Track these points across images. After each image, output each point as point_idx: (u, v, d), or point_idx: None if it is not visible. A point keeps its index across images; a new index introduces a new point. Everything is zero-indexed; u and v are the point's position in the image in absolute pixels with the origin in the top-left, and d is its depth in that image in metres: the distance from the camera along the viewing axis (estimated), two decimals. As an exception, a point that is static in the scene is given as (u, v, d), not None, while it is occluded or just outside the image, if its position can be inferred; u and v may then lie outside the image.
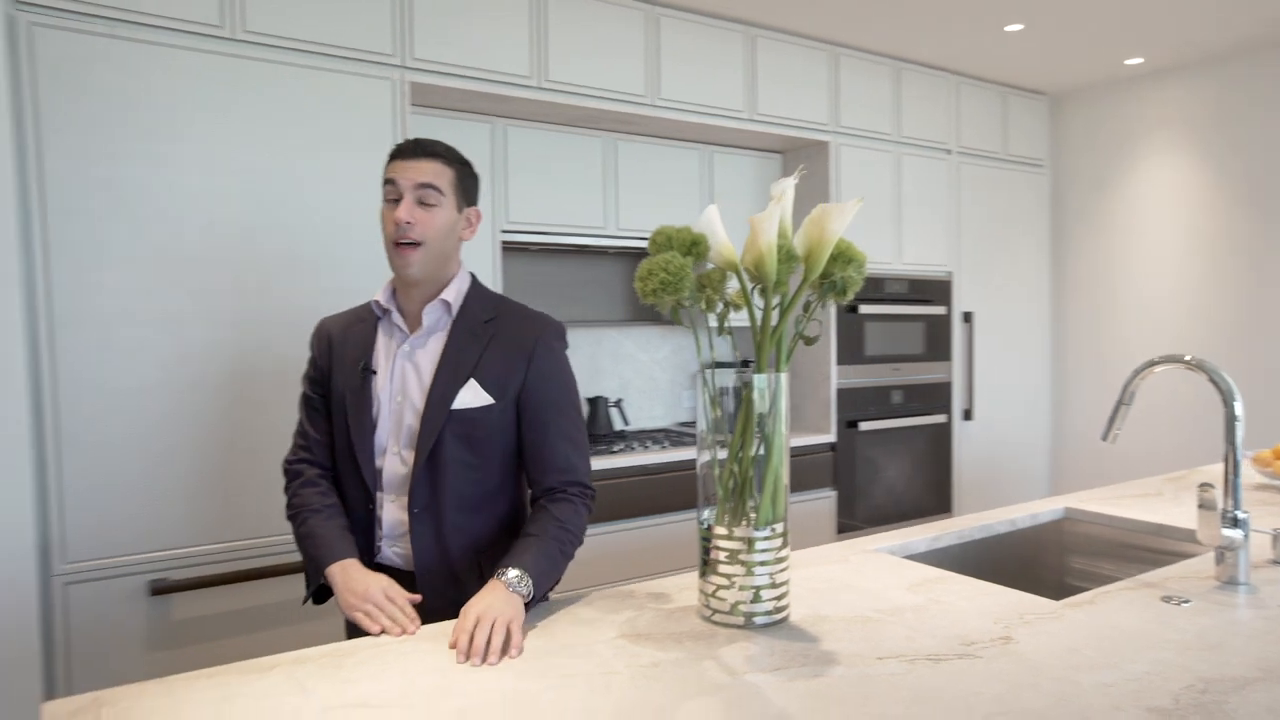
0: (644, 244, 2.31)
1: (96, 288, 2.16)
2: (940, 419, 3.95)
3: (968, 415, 4.05)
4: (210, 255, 2.31)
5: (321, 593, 1.50)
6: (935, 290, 3.96)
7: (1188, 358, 1.67)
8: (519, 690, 1.14)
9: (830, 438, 3.58)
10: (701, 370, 1.40)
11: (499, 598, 1.31)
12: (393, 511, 1.52)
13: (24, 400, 2.02)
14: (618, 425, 3.56)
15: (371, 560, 1.53)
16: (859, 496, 3.68)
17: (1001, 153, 4.27)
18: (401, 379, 1.52)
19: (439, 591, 1.48)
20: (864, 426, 3.67)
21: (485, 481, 1.52)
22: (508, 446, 1.53)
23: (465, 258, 2.98)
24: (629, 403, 3.66)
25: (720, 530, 1.36)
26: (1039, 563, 2.18)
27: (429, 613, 1.41)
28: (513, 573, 1.36)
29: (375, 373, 1.53)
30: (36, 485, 2.09)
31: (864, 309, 3.67)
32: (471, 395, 1.48)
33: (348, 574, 1.41)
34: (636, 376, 3.72)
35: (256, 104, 2.37)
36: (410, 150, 1.49)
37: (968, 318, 4.06)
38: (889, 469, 3.79)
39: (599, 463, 2.98)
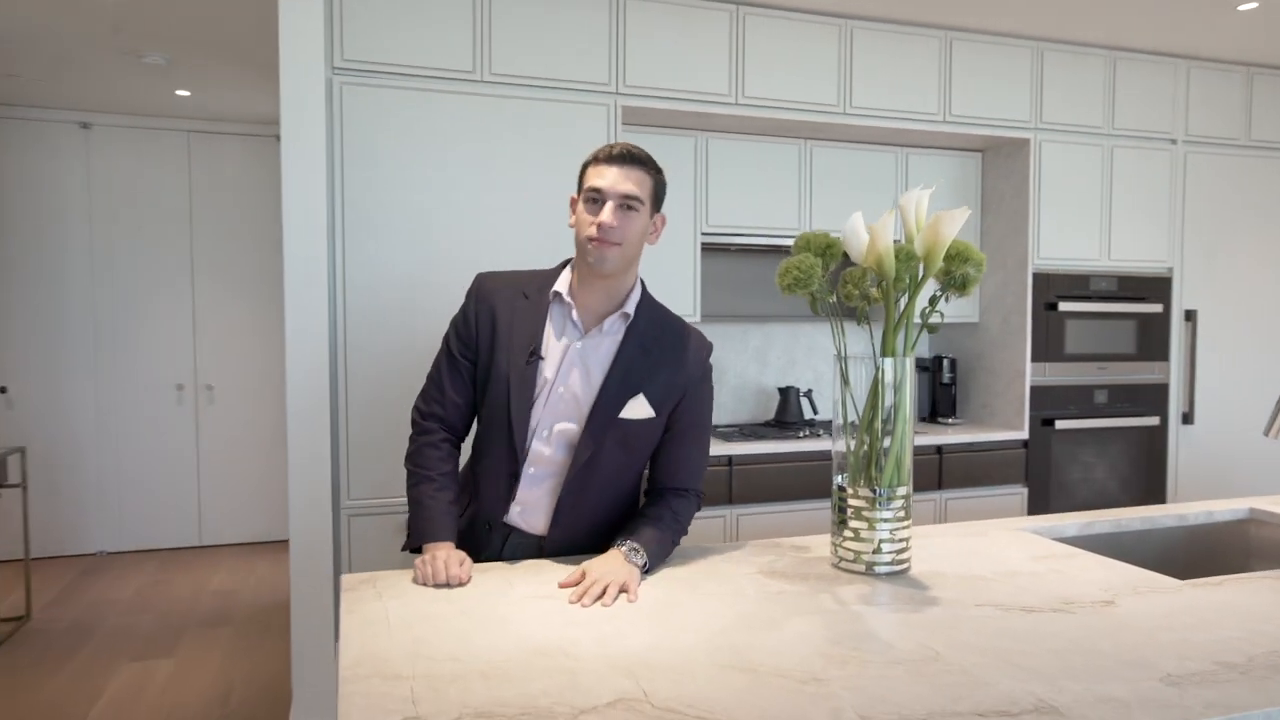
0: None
1: (380, 286, 2.75)
2: (1152, 421, 3.77)
3: (1187, 418, 3.83)
4: (468, 257, 2.83)
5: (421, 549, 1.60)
6: (1150, 287, 3.79)
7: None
8: (666, 598, 1.47)
9: (1023, 434, 3.57)
10: (837, 354, 1.65)
11: (618, 564, 1.47)
12: (532, 489, 1.63)
13: (325, 376, 2.64)
14: (807, 414, 3.78)
15: (502, 519, 1.67)
16: (1054, 495, 3.63)
17: (1243, 139, 3.98)
18: (569, 375, 1.60)
19: (559, 547, 1.66)
20: (1061, 425, 3.62)
21: (628, 478, 1.68)
22: (650, 452, 1.67)
23: (666, 259, 3.36)
24: (820, 394, 3.87)
25: (849, 490, 1.60)
26: (1215, 563, 2.15)
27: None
28: (631, 546, 1.52)
29: (543, 358, 1.60)
30: (332, 441, 2.71)
31: (1064, 306, 3.61)
32: (639, 409, 1.60)
33: (435, 554, 1.52)
34: (830, 369, 3.91)
35: (502, 131, 2.87)
36: (620, 158, 1.57)
37: (1189, 315, 3.84)
38: (1089, 469, 3.69)
39: (787, 446, 3.23)
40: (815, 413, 3.79)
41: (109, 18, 3.35)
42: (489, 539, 1.69)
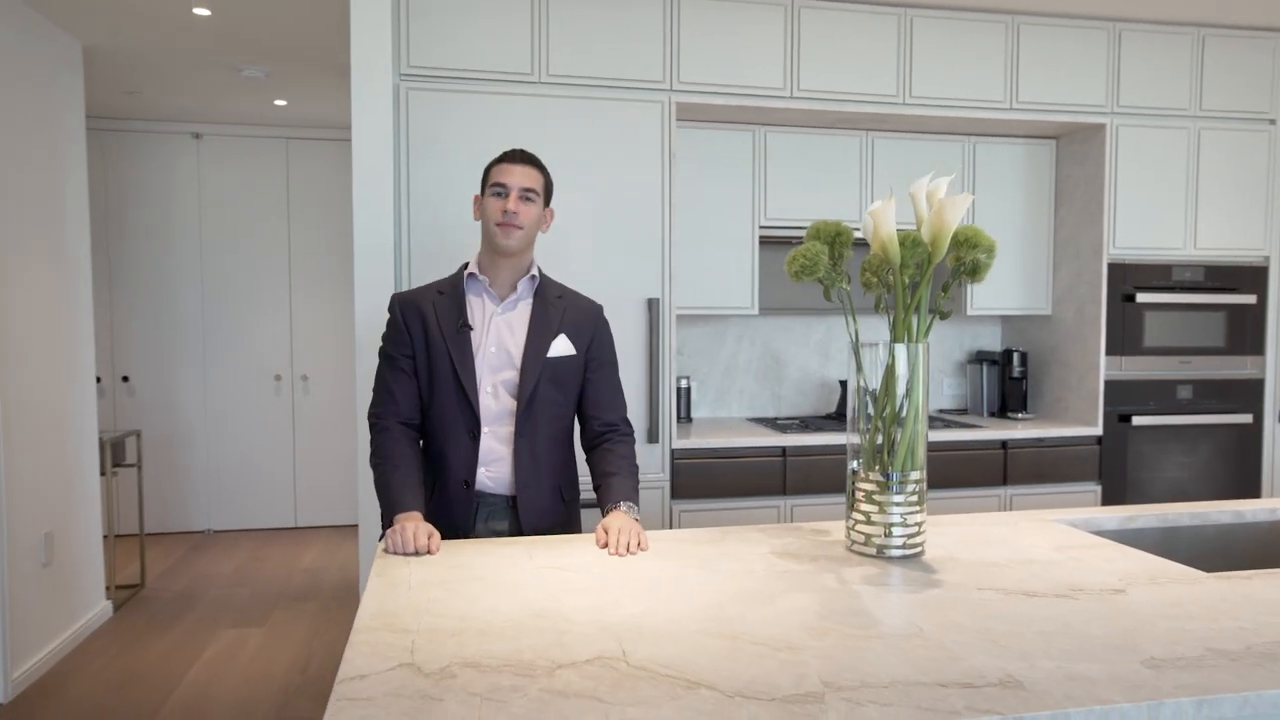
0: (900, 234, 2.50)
1: (436, 275, 2.90)
2: (1244, 418, 3.57)
3: (1283, 417, 3.61)
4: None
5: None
6: (1243, 277, 3.58)
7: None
8: (674, 572, 1.53)
9: (1096, 430, 3.44)
10: (852, 341, 1.67)
11: (627, 520, 1.74)
12: (489, 442, 1.87)
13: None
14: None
15: (471, 487, 1.86)
16: (1130, 493, 3.49)
17: (1354, 118, 3.71)
18: (496, 333, 1.89)
19: (532, 507, 1.88)
20: (1139, 421, 3.47)
21: (565, 419, 1.95)
22: (578, 392, 1.96)
23: (724, 252, 3.40)
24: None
25: (862, 474, 1.63)
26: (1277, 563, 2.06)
27: (533, 531, 1.87)
28: (626, 504, 1.82)
29: (472, 328, 1.89)
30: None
31: (1143, 297, 3.46)
32: (563, 346, 1.91)
33: (404, 524, 1.69)
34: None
35: (559, 130, 2.98)
36: (518, 158, 1.90)
37: (1288, 308, 3.62)
38: (1170, 468, 3.53)
39: (844, 438, 3.23)
40: (877, 406, 3.75)
41: (213, 36, 3.63)
42: (464, 510, 1.87)
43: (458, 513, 1.87)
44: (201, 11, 3.36)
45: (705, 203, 3.39)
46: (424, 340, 1.89)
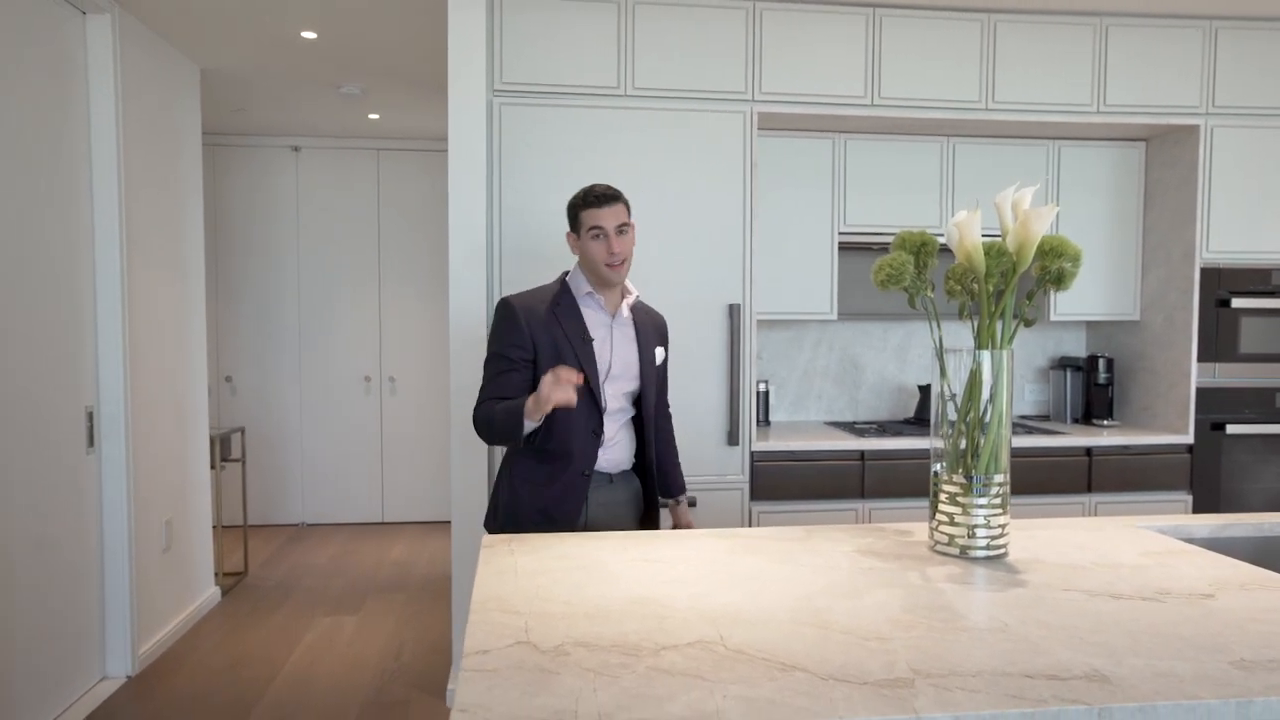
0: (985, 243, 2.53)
1: (527, 286, 3.03)
2: (1347, 429, 3.44)
3: (1391, 427, 3.47)
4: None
5: (532, 436, 2.04)
6: (1347, 282, 3.46)
7: None
8: (763, 567, 1.61)
9: (1187, 439, 3.37)
10: (937, 347, 1.72)
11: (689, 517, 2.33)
12: (613, 430, 2.13)
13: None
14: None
15: (589, 476, 2.09)
16: (1224, 503, 3.40)
17: None
18: (617, 345, 2.13)
19: (627, 483, 2.18)
20: (1234, 430, 3.38)
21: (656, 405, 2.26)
22: None
23: (803, 258, 3.44)
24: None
25: (946, 477, 1.67)
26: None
27: (642, 513, 2.22)
28: (685, 498, 2.36)
29: (596, 340, 2.10)
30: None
31: (1239, 302, 3.37)
32: (661, 353, 2.23)
33: (544, 380, 1.88)
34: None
35: (644, 141, 3.08)
36: (606, 200, 2.07)
37: (1396, 314, 3.47)
38: (1270, 478, 3.42)
39: (922, 443, 3.24)
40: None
41: (317, 56, 3.86)
42: (578, 495, 2.08)
43: (571, 499, 2.07)
44: (309, 34, 3.57)
45: (785, 209, 3.44)
46: (551, 346, 2.06)
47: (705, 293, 3.13)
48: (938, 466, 1.72)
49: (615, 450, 2.14)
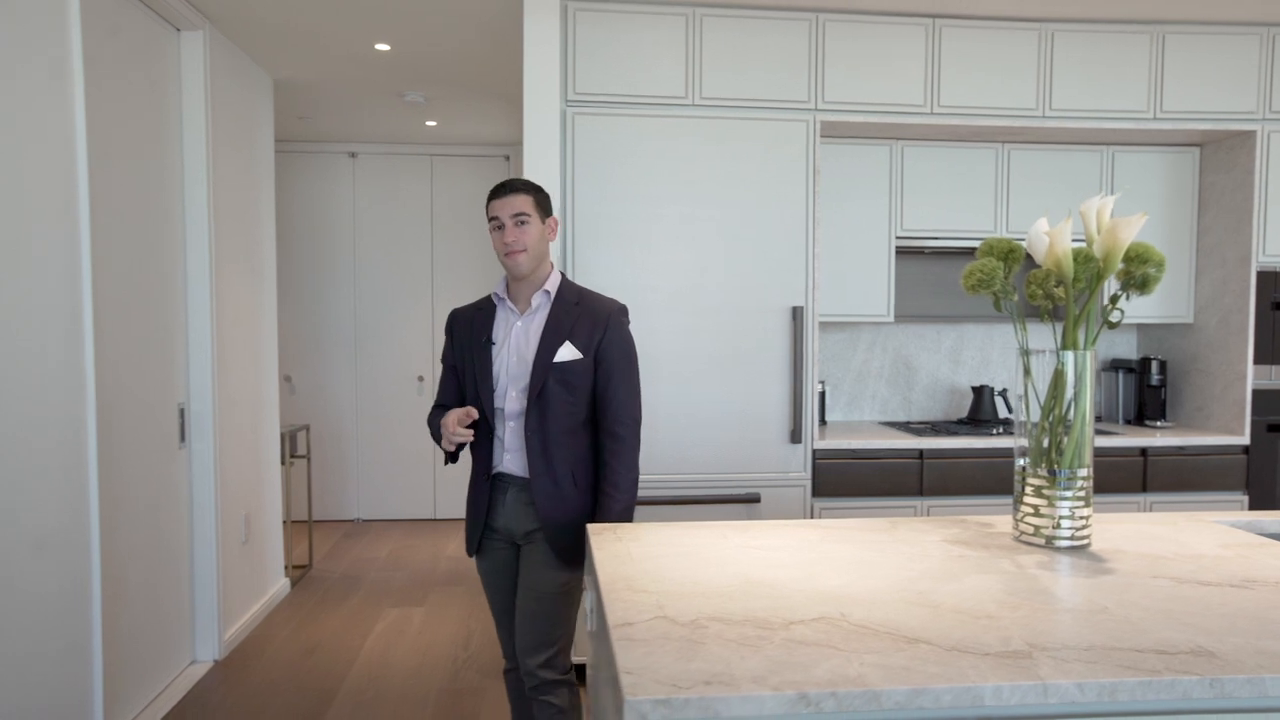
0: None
1: (598, 288, 3.15)
2: (1403, 431, 3.48)
3: None
4: (679, 262, 3.18)
5: (450, 458, 2.18)
6: (1403, 285, 3.49)
7: None
8: (857, 554, 1.71)
9: (1243, 440, 3.42)
10: (1020, 348, 1.81)
11: None
12: (512, 433, 2.13)
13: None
14: (1001, 412, 3.82)
15: (492, 470, 2.16)
16: None
17: None
18: (515, 344, 2.13)
19: (547, 493, 2.10)
20: (1289, 431, 3.43)
21: (577, 413, 2.12)
22: (590, 389, 2.13)
23: (860, 261, 3.53)
24: (1016, 393, 3.87)
25: (1031, 470, 1.76)
26: None
27: (545, 513, 2.10)
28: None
29: (495, 343, 2.15)
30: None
31: (1294, 305, 3.43)
32: (567, 352, 2.09)
33: (445, 418, 2.08)
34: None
35: (710, 149, 3.19)
36: (504, 190, 2.10)
37: None
38: (1325, 480, 3.47)
39: (979, 442, 3.32)
40: (1010, 411, 3.81)
41: (386, 67, 4.00)
42: (490, 492, 2.17)
43: (480, 499, 2.18)
44: (382, 47, 3.72)
45: (844, 214, 3.53)
46: (464, 351, 2.19)
47: (768, 296, 3.23)
48: (1021, 461, 1.81)
49: (519, 455, 2.12)
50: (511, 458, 2.14)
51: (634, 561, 1.64)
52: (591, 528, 1.92)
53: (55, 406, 2.33)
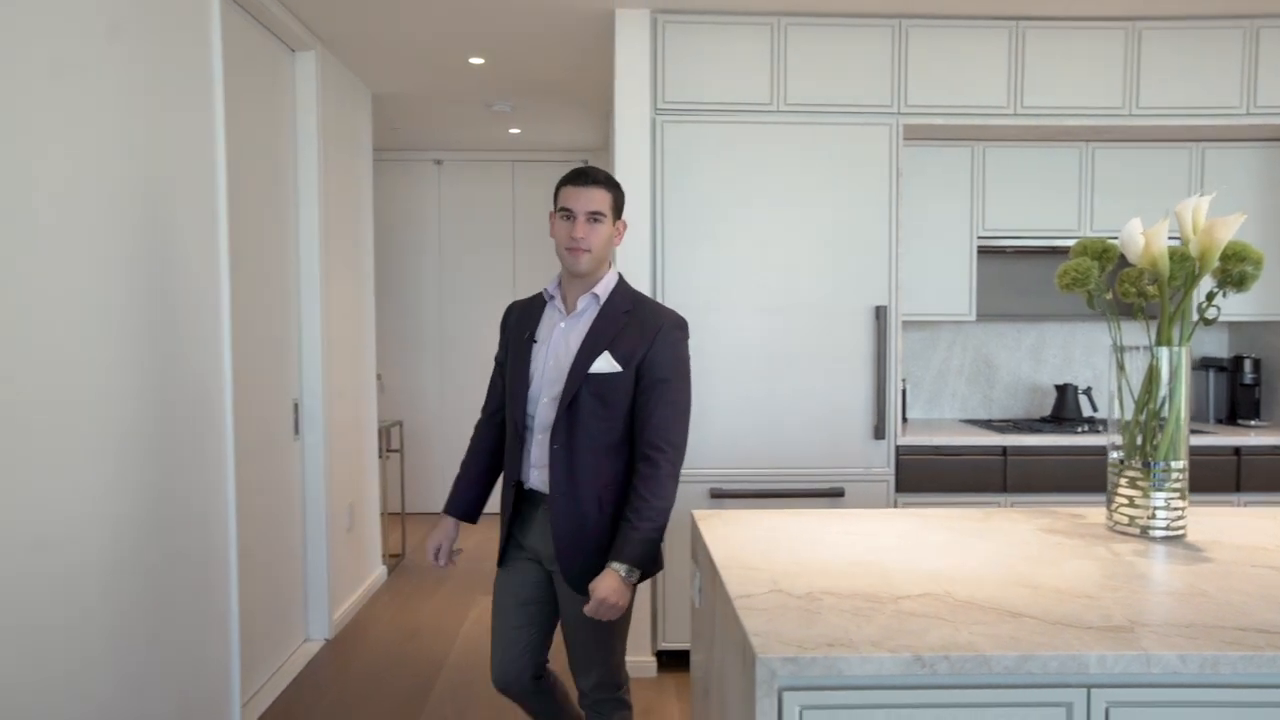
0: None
1: (689, 291, 3.27)
2: None
3: None
4: (765, 264, 3.28)
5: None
6: None
7: None
8: (955, 540, 1.79)
9: (1336, 439, 3.36)
10: (1115, 345, 1.87)
11: (615, 588, 1.81)
12: (540, 446, 1.95)
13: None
14: (1085, 411, 3.81)
15: (522, 485, 2.00)
16: (1380, 507, 3.37)
17: None
18: (554, 347, 1.96)
19: (565, 513, 1.91)
20: (1390, 431, 3.35)
21: (611, 431, 1.92)
22: (630, 407, 1.92)
23: (943, 261, 3.58)
24: (1099, 391, 3.87)
25: (1127, 462, 1.82)
26: None
27: (560, 535, 1.91)
28: (619, 565, 1.83)
29: (537, 341, 2.00)
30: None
31: (1396, 303, 3.35)
32: (605, 364, 1.89)
33: (434, 528, 2.15)
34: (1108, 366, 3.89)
35: (794, 154, 3.28)
36: (585, 180, 1.91)
37: None
38: None
39: (1064, 440, 3.34)
40: (1094, 410, 3.80)
41: (478, 79, 4.20)
42: (516, 503, 2.03)
43: (506, 505, 2.04)
44: (476, 60, 3.91)
45: (926, 214, 3.58)
46: (511, 347, 2.07)
47: (852, 296, 3.31)
48: (1116, 454, 1.86)
49: (546, 472, 1.94)
50: (538, 474, 1.97)
51: (742, 544, 1.76)
52: (697, 514, 2.04)
53: (200, 404, 2.55)
